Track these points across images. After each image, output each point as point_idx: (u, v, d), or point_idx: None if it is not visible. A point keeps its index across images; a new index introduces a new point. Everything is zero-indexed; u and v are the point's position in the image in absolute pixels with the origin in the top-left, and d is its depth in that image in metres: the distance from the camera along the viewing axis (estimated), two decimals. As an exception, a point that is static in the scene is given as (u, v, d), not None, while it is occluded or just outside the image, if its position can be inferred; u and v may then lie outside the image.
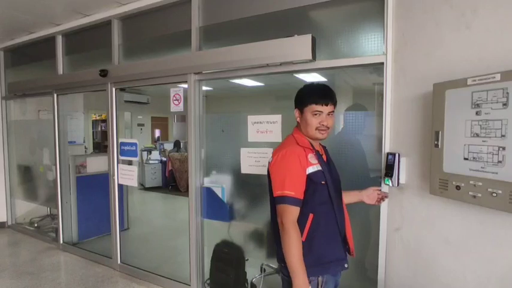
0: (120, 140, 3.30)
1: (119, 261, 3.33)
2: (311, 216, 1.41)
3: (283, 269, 1.46)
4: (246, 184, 2.63)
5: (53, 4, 3.15)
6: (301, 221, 1.39)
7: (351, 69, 2.20)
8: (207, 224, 2.82)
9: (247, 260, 2.70)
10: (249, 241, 2.73)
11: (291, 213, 1.36)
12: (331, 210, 1.46)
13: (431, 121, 1.61)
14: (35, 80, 3.96)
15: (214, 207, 2.71)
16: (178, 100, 2.81)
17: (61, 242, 3.91)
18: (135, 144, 3.24)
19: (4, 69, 4.62)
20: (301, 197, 1.38)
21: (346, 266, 1.47)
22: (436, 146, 1.56)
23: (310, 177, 1.40)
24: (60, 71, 3.82)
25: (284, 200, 1.36)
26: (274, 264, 2.61)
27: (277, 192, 1.40)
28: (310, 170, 1.41)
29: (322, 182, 1.43)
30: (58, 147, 3.88)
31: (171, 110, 2.84)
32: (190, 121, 2.70)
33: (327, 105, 1.45)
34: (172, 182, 7.17)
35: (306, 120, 1.48)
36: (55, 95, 3.82)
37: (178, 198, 6.50)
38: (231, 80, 2.82)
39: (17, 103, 4.67)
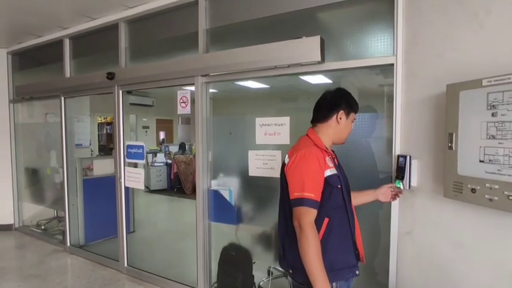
0: (127, 143, 3.29)
1: (125, 264, 3.32)
2: (326, 220, 1.38)
3: (296, 276, 1.42)
4: (253, 187, 2.61)
5: (61, 8, 3.18)
6: (315, 225, 1.35)
7: (357, 70, 2.18)
8: (214, 227, 2.80)
9: (254, 263, 2.68)
10: (256, 244, 2.71)
11: (309, 216, 1.32)
12: (345, 215, 1.43)
13: (445, 123, 1.59)
14: (43, 83, 3.99)
15: (221, 210, 2.69)
16: (185, 102, 2.81)
17: (68, 244, 3.92)
18: (142, 146, 3.24)
19: (12, 72, 4.67)
20: (319, 200, 1.35)
21: (357, 272, 1.44)
22: (450, 148, 1.53)
23: (327, 180, 1.37)
24: (68, 74, 3.85)
25: (303, 202, 1.32)
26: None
27: (295, 194, 1.35)
28: (328, 172, 1.38)
29: (338, 186, 1.40)
30: (65, 149, 3.89)
31: (178, 113, 2.83)
32: (198, 123, 2.69)
33: None
34: (178, 185, 7.17)
35: (346, 125, 1.51)
36: (62, 98, 3.84)
37: (184, 201, 6.49)
38: (236, 82, 2.80)
39: (25, 106, 4.71)
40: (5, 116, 4.65)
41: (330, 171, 1.38)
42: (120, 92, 3.25)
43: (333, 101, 1.51)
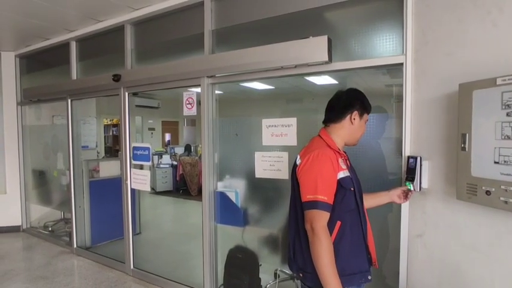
0: (133, 145, 3.29)
1: (131, 266, 3.31)
2: (338, 223, 1.34)
3: (306, 280, 1.39)
4: (260, 188, 2.58)
5: (68, 11, 3.20)
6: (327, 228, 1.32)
7: (363, 71, 2.15)
8: (220, 229, 2.78)
9: (260, 265, 2.65)
10: (263, 246, 2.68)
11: (322, 219, 1.29)
12: (358, 219, 1.40)
13: (457, 123, 1.55)
14: (50, 86, 4.02)
15: (228, 212, 2.67)
16: (191, 104, 2.79)
17: (74, 246, 3.93)
18: (148, 148, 3.23)
19: (20, 75, 4.71)
20: (332, 203, 1.32)
21: (369, 278, 1.40)
22: (463, 149, 1.49)
23: (340, 183, 1.33)
24: (74, 76, 3.87)
25: (316, 205, 1.29)
26: (288, 270, 2.55)
27: (308, 197, 1.31)
28: (341, 175, 1.35)
29: (351, 189, 1.37)
30: (72, 151, 3.91)
31: (184, 114, 2.82)
32: (204, 125, 2.67)
33: None
34: (183, 186, 7.18)
35: (360, 126, 1.49)
36: (69, 100, 3.86)
37: (190, 202, 6.49)
38: (241, 84, 2.79)
39: (32, 108, 4.75)
40: (13, 118, 4.69)
41: (343, 174, 1.35)
42: (126, 93, 3.25)
43: (347, 101, 1.47)
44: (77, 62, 3.88)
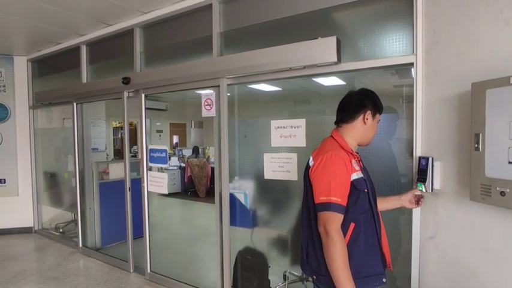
0: (150, 147, 3.26)
1: (149, 270, 3.28)
2: (352, 225, 1.33)
3: (320, 282, 1.38)
4: (269, 190, 2.58)
5: (78, 15, 3.25)
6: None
7: (372, 71, 2.13)
8: (230, 231, 2.78)
9: (269, 267, 2.64)
10: (272, 248, 2.68)
11: (336, 221, 1.28)
12: (372, 221, 1.39)
13: (470, 123, 1.52)
14: (60, 89, 4.09)
15: (237, 213, 2.67)
16: (210, 105, 2.72)
17: (80, 245, 3.98)
18: (165, 150, 3.20)
19: (32, 79, 4.81)
20: (346, 204, 1.31)
21: (384, 280, 1.38)
22: (477, 149, 1.46)
23: (353, 184, 1.32)
24: (84, 79, 3.93)
25: (330, 206, 1.27)
26: (297, 271, 2.54)
27: (321, 198, 1.30)
28: (355, 176, 1.34)
29: (365, 190, 1.36)
30: (78, 154, 3.96)
31: (203, 115, 2.74)
32: (223, 126, 2.62)
33: None
34: (191, 188, 7.21)
35: (373, 127, 1.48)
36: (77, 103, 3.91)
37: (198, 204, 6.51)
38: (248, 86, 2.79)
39: (44, 112, 4.84)
40: (25, 121, 4.79)
41: (357, 175, 1.34)
42: (143, 95, 3.23)
43: (360, 102, 1.47)
44: (87, 66, 3.94)
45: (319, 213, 1.30)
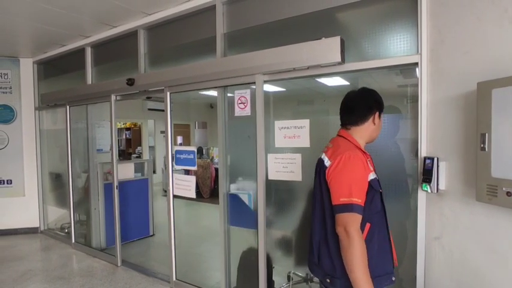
0: (175, 148, 3.10)
1: (174, 278, 3.13)
2: (368, 226, 1.32)
3: (335, 285, 1.35)
4: (273, 190, 2.58)
5: (83, 17, 3.28)
6: None
7: (376, 72, 2.12)
8: (233, 231, 2.78)
9: (273, 268, 2.64)
10: (276, 249, 2.67)
11: (357, 222, 1.26)
12: (384, 220, 1.39)
13: (476, 123, 1.51)
14: (66, 91, 4.12)
15: (241, 214, 2.67)
16: (244, 104, 2.58)
17: (73, 241, 4.00)
18: (193, 152, 2.97)
19: (38, 81, 4.86)
20: (364, 205, 1.29)
21: (393, 279, 1.37)
22: (483, 149, 1.45)
23: (370, 184, 1.32)
24: (89, 81, 3.96)
25: (352, 207, 1.25)
26: (301, 272, 2.54)
27: (341, 199, 1.27)
28: (371, 176, 1.33)
29: (380, 190, 1.36)
30: (70, 156, 4.00)
31: (236, 115, 2.62)
32: (260, 125, 2.44)
33: None
34: (195, 189, 7.21)
35: (379, 125, 1.49)
36: (67, 107, 3.97)
37: (201, 204, 6.52)
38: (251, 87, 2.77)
39: (49, 113, 4.88)
40: (31, 123, 4.84)
41: (373, 175, 1.34)
42: (168, 93, 3.14)
43: (368, 104, 1.46)
44: (92, 67, 3.97)
45: (339, 214, 1.28)
